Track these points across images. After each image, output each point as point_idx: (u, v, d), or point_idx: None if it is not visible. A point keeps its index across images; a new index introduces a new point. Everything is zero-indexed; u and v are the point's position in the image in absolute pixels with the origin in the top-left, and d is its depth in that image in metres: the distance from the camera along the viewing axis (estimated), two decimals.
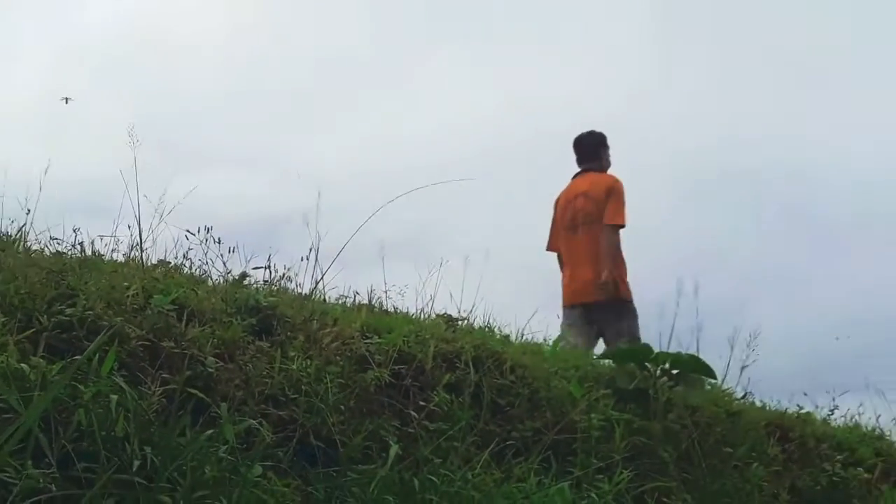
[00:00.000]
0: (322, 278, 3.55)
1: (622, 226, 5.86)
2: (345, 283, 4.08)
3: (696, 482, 3.27)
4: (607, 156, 6.25)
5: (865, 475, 4.07)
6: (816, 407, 4.83)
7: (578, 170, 6.22)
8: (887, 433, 4.79)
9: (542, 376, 3.37)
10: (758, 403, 4.46)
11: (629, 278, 5.87)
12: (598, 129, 6.31)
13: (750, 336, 4.09)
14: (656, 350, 3.88)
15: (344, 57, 16.83)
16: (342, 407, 2.65)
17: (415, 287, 4.18)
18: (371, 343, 3.06)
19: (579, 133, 6.31)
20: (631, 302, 5.82)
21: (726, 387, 4.26)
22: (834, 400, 4.84)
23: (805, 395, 4.87)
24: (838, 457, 4.12)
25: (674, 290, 4.53)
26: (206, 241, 3.60)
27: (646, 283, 6.15)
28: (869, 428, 4.81)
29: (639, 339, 5.41)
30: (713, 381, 4.08)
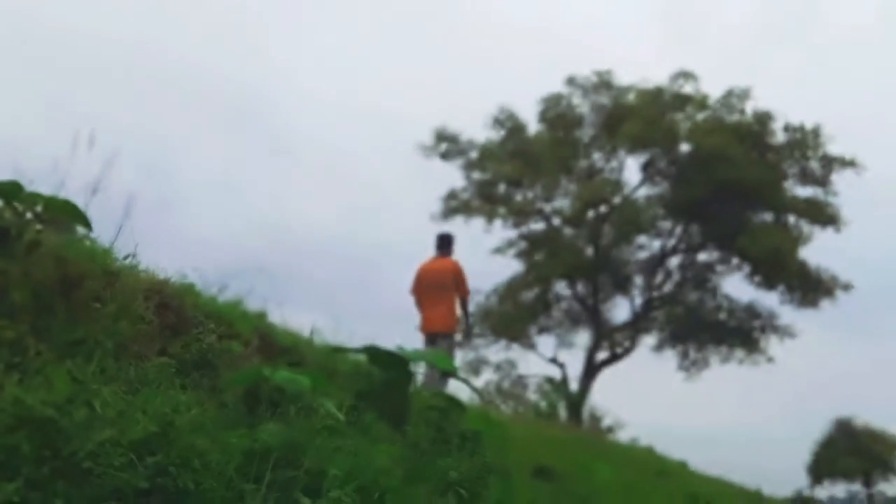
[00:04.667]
0: None
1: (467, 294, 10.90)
2: None
3: (53, 331, 3.21)
4: (453, 249, 10.94)
5: (240, 349, 4.45)
6: (206, 284, 5.13)
7: (437, 253, 10.94)
8: (270, 313, 5.32)
9: None
10: (143, 269, 4.53)
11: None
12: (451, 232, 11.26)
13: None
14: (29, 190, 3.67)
15: None
16: None
17: None
18: None
19: (441, 232, 11.24)
20: (455, 335, 10.85)
21: (110, 245, 4.25)
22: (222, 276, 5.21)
23: (195, 270, 5.15)
24: (216, 329, 4.43)
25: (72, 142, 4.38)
26: None
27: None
28: (253, 308, 5.28)
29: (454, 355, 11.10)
30: (91, 235, 4.04)
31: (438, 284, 10.99)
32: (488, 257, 29.52)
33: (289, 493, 3.30)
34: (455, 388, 6.25)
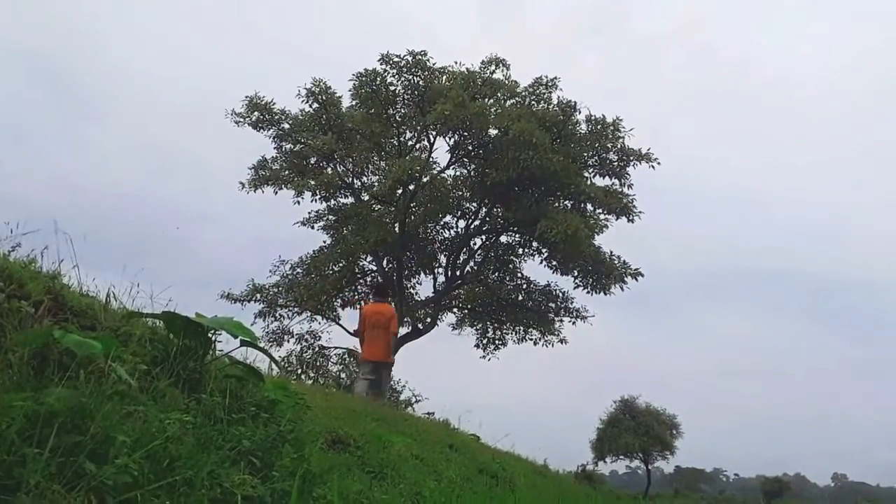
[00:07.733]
0: None
1: (397, 333, 16.78)
2: None
3: None
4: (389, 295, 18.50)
5: (30, 310, 4.29)
6: None
7: (375, 299, 16.21)
8: (64, 274, 5.12)
9: None
10: None
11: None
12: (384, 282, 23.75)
13: None
14: None
15: None
16: None
17: None
18: None
19: (378, 282, 22.48)
20: (392, 364, 15.85)
21: None
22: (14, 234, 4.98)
23: None
24: (5, 289, 4.25)
25: None
26: None
27: None
28: (47, 268, 5.08)
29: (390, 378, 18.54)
30: None
31: (380, 325, 14.94)
32: (296, 229, 29.38)
33: (74, 458, 3.25)
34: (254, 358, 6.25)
